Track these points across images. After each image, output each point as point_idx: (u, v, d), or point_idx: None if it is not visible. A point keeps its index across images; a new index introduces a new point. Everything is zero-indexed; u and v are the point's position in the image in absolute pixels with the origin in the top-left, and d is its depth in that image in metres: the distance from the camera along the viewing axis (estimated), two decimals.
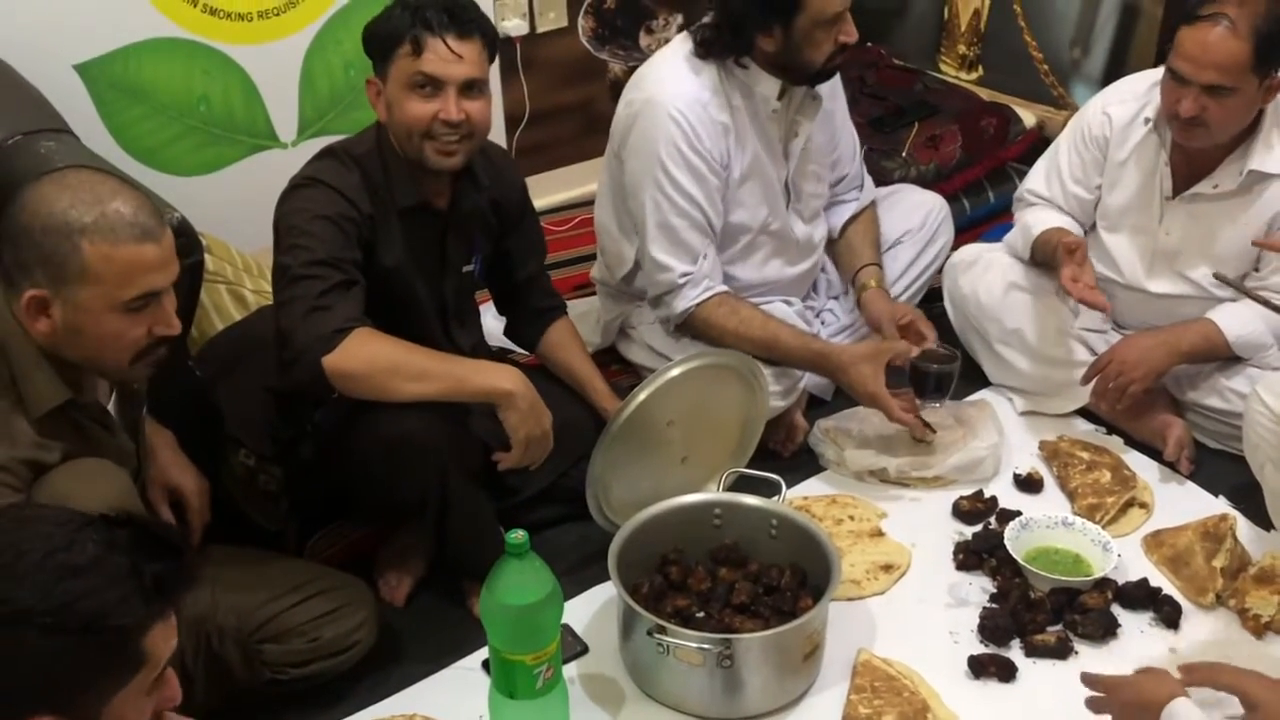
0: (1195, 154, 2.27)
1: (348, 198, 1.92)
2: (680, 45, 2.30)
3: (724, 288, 2.32)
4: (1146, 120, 2.32)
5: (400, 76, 1.91)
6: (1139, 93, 2.35)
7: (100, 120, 2.63)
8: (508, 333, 2.37)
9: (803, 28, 2.16)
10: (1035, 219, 2.48)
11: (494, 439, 2.04)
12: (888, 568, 2.14)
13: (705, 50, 2.24)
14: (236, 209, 2.63)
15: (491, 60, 1.97)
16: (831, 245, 2.60)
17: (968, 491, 2.29)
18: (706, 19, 2.27)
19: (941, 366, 2.32)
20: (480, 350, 2.22)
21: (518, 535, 1.65)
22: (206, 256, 2.47)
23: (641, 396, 2.03)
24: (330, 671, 1.88)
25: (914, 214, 2.64)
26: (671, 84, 2.25)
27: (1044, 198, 2.50)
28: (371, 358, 1.82)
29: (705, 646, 1.77)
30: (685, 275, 2.28)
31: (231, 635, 1.82)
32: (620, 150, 2.34)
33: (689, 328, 2.33)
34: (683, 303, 2.29)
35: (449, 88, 1.90)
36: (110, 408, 1.75)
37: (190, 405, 2.08)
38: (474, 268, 2.16)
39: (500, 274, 2.26)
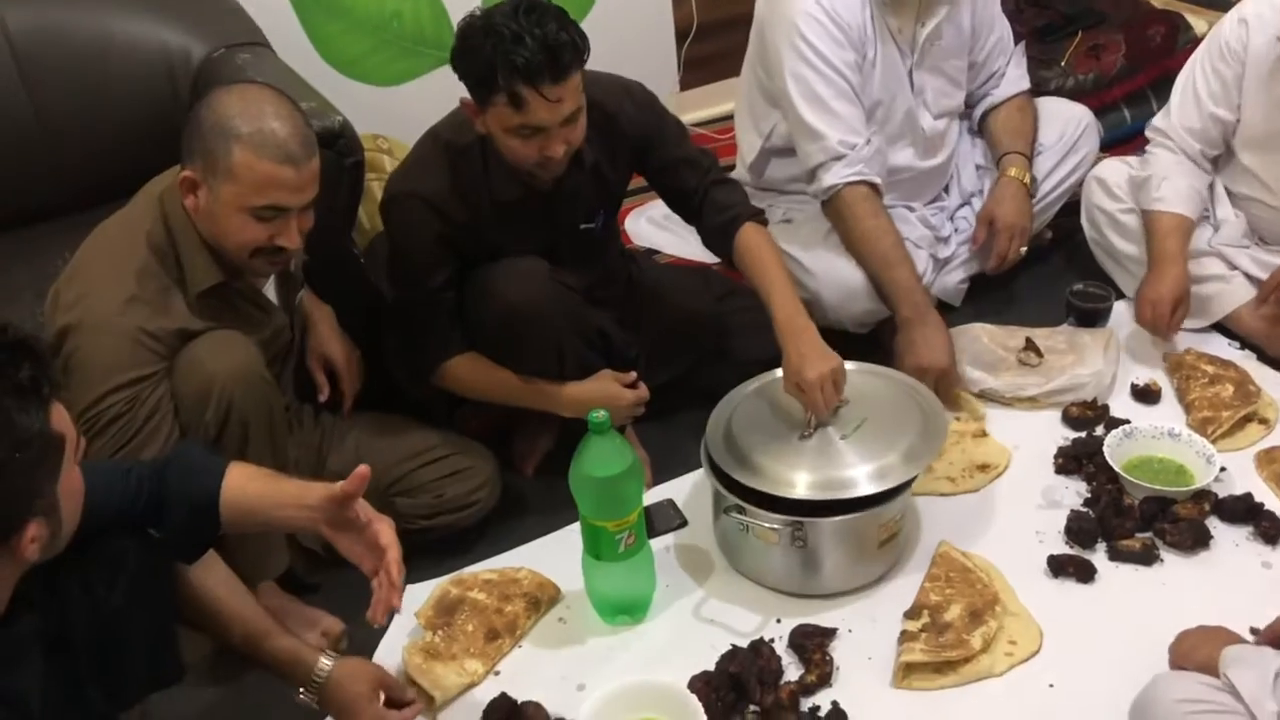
0: None
1: (441, 211, 1.91)
2: None
3: (878, 180, 2.23)
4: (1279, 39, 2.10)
5: (500, 120, 1.81)
6: (1276, 3, 2.12)
7: (304, 34, 2.79)
8: (705, 245, 2.17)
9: None
10: (1160, 181, 2.25)
11: (612, 328, 2.11)
12: (984, 467, 2.09)
13: None
14: (422, 117, 2.74)
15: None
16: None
17: None
18: None
19: (1095, 305, 2.35)
20: (596, 288, 2.12)
21: (599, 414, 1.70)
22: (386, 158, 2.63)
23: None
24: (453, 526, 2.00)
25: (1051, 127, 2.49)
26: None
27: (1185, 129, 2.27)
28: (467, 389, 2.05)
29: (776, 527, 1.79)
30: (843, 144, 2.19)
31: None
32: (762, 27, 2.29)
33: (831, 209, 2.25)
34: (832, 177, 2.20)
35: (552, 128, 1.80)
36: (271, 290, 1.90)
37: (353, 286, 2.23)
38: (595, 225, 2.07)
39: (666, 198, 2.16)
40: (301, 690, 1.56)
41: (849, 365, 1.92)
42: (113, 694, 1.42)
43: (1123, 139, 2.85)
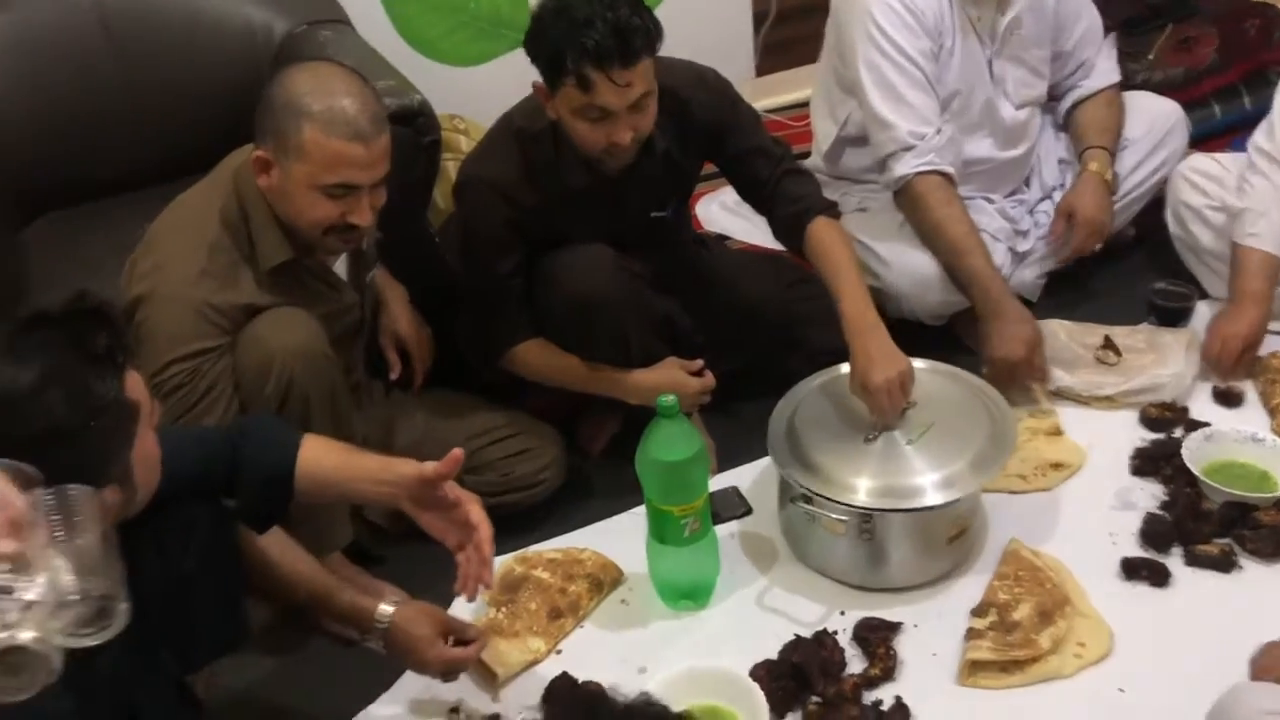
0: None
1: (511, 196, 1.90)
2: None
3: (950, 169, 2.18)
4: None
5: (568, 103, 1.79)
6: None
7: (385, 12, 2.79)
8: (775, 236, 2.11)
9: None
10: (1257, 216, 2.13)
11: (678, 314, 2.08)
12: (1057, 465, 2.03)
13: None
14: (499, 98, 2.73)
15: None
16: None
17: None
18: None
19: (1177, 304, 2.28)
20: (664, 275, 2.10)
21: (668, 398, 1.68)
22: (462, 138, 2.62)
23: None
24: (519, 504, 1.99)
25: (1138, 121, 2.41)
26: None
27: None
28: (534, 374, 2.03)
29: (844, 518, 1.75)
30: (914, 135, 2.15)
31: None
32: (839, 15, 2.26)
33: (903, 199, 2.20)
34: (903, 167, 2.16)
35: (620, 112, 1.78)
36: (342, 268, 1.89)
37: (427, 266, 2.23)
38: (666, 213, 2.05)
39: (737, 186, 2.12)
40: (366, 637, 1.58)
41: (918, 364, 1.86)
42: (182, 657, 1.43)
43: (1211, 134, 2.75)
